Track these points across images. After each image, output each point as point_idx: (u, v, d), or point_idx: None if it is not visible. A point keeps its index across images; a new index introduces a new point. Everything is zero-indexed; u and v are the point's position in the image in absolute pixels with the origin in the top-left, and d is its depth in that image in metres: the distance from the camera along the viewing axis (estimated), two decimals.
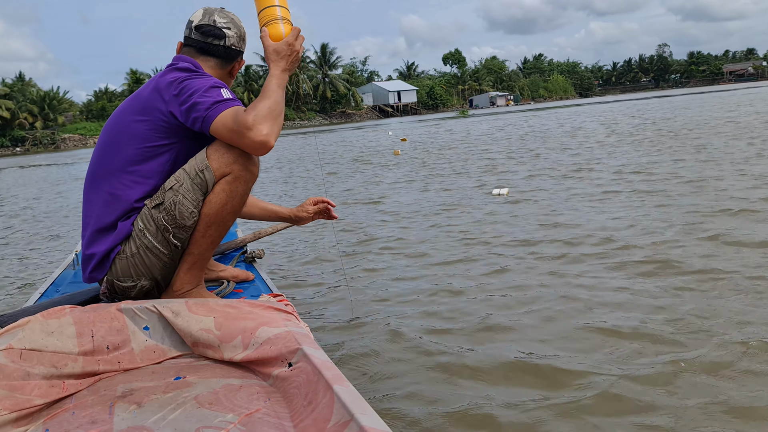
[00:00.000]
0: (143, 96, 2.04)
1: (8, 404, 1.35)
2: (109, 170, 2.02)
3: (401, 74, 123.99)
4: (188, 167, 1.97)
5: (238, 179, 1.97)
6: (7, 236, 7.70)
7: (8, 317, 1.90)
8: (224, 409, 1.38)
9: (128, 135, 2.01)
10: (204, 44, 2.16)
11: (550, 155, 11.59)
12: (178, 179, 1.96)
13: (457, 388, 2.46)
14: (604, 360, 2.59)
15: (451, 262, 4.40)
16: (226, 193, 1.96)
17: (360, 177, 11.15)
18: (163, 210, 1.94)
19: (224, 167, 1.94)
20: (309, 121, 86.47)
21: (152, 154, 2.00)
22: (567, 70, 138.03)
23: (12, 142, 69.72)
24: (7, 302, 4.30)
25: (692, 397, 2.25)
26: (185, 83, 1.97)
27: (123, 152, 2.00)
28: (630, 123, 18.72)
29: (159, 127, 1.99)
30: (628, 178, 7.71)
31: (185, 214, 1.94)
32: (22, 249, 6.63)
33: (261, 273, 2.63)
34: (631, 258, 4.05)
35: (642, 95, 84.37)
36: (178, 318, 1.70)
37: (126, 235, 1.98)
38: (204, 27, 2.14)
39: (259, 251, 2.89)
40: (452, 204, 7.02)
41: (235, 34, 2.19)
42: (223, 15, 2.19)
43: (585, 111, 35.83)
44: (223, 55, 2.19)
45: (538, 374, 2.52)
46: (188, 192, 1.94)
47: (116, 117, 2.09)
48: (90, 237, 2.02)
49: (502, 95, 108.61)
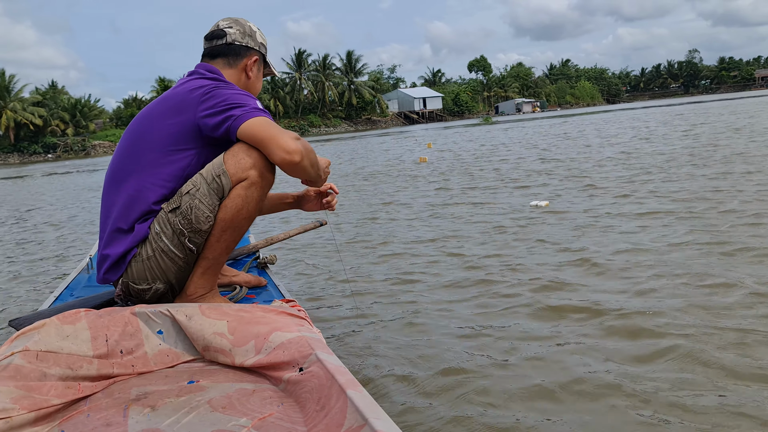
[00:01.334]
0: (168, 102, 2.08)
1: (26, 404, 1.37)
2: (129, 173, 2.05)
3: (426, 81, 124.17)
4: (205, 172, 2.00)
5: (254, 185, 1.99)
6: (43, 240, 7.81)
7: (24, 320, 1.93)
8: (237, 413, 1.38)
9: (150, 139, 2.05)
10: (211, 48, 2.26)
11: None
12: (195, 184, 1.99)
13: (475, 402, 2.42)
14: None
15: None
16: (241, 198, 1.99)
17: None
18: (180, 214, 1.97)
19: (241, 173, 1.97)
20: (335, 128, 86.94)
21: (173, 158, 2.03)
22: (594, 77, 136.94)
23: (44, 149, 71.19)
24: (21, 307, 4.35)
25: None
26: (214, 92, 2.02)
27: (144, 156, 2.04)
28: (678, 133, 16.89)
29: (182, 132, 2.03)
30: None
31: (201, 218, 1.96)
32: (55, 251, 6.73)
33: (273, 278, 2.65)
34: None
35: (672, 101, 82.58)
36: (192, 322, 1.71)
37: (142, 237, 2.01)
38: (209, 34, 2.28)
39: (272, 257, 2.90)
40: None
41: (237, 30, 2.27)
42: (226, 19, 2.30)
43: (616, 118, 34.44)
44: (227, 52, 2.26)
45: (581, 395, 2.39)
46: (205, 197, 1.96)
47: (139, 121, 2.13)
48: (107, 238, 2.05)
49: (528, 102, 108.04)
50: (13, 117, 68.74)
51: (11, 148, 70.12)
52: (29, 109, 70.29)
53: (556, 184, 8.50)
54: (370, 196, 9.29)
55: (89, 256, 3.06)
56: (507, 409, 2.30)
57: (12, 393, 1.37)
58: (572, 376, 2.49)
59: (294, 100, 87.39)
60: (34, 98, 73.20)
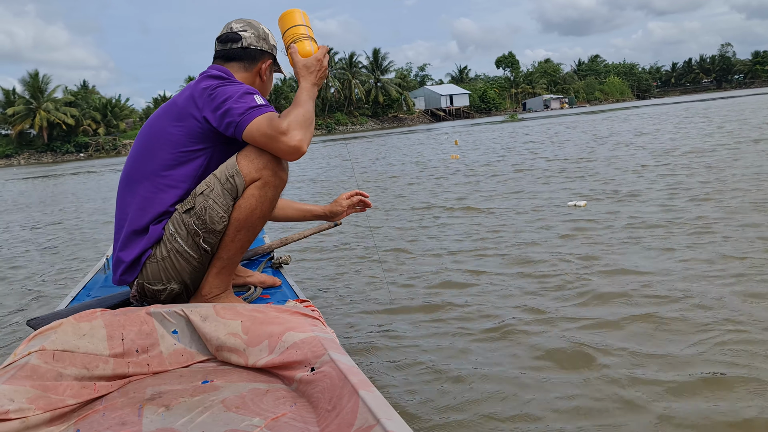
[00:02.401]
0: (179, 103, 2.09)
1: (42, 404, 1.39)
2: (144, 174, 2.07)
3: (453, 78, 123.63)
4: (219, 173, 2.01)
5: (267, 185, 2.00)
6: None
7: (41, 320, 1.96)
8: (251, 412, 1.39)
9: (163, 140, 2.06)
10: (225, 51, 2.25)
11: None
12: (208, 184, 2.00)
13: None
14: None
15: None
16: (255, 198, 2.00)
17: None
18: (194, 214, 1.99)
19: (254, 173, 1.98)
20: (361, 126, 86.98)
21: (186, 158, 2.05)
22: (624, 72, 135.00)
23: (76, 148, 72.45)
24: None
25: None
26: (218, 90, 2.03)
27: (157, 157, 2.06)
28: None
29: (193, 132, 2.04)
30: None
31: (215, 218, 1.98)
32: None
33: (288, 278, 2.66)
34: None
35: (704, 96, 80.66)
36: (206, 322, 1.73)
37: (157, 238, 2.03)
38: (222, 36, 2.25)
39: (286, 257, 2.92)
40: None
41: (252, 34, 2.26)
42: (239, 21, 2.28)
43: (654, 113, 33.25)
44: (243, 56, 2.25)
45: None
46: (218, 197, 1.98)
47: (152, 123, 2.15)
48: (122, 240, 2.08)
49: (556, 98, 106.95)
50: (47, 117, 70.04)
51: (45, 147, 71.47)
52: (62, 109, 71.58)
53: (590, 184, 8.35)
54: (403, 198, 8.94)
55: (105, 256, 3.10)
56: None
57: (28, 393, 1.39)
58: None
59: (321, 98, 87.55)
60: (66, 98, 74.55)
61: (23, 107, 69.98)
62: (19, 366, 1.46)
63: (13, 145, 70.65)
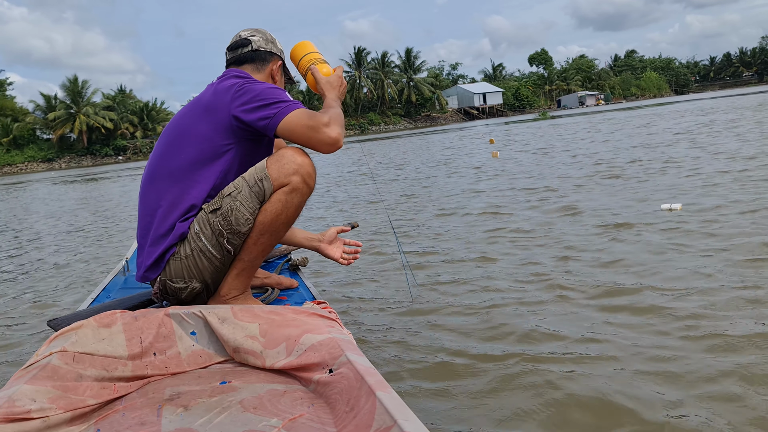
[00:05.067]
0: (203, 100, 2.14)
1: (63, 404, 1.41)
2: (169, 171, 2.11)
3: (486, 76, 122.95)
4: (248, 176, 2.04)
5: (295, 191, 2.03)
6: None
7: (62, 321, 2.00)
8: (268, 413, 1.39)
9: (188, 137, 2.11)
10: (236, 56, 2.34)
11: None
12: (237, 186, 2.03)
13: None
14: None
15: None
16: (282, 203, 2.02)
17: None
18: (220, 215, 2.02)
19: (283, 178, 2.01)
20: (394, 126, 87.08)
21: (212, 155, 2.09)
22: (661, 67, 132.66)
23: (115, 151, 73.98)
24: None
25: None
26: (246, 86, 2.08)
27: (183, 154, 2.10)
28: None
29: (218, 128, 2.08)
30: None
31: (241, 220, 2.00)
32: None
33: (305, 280, 2.68)
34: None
35: (746, 90, 77.51)
36: (224, 324, 1.74)
37: (182, 236, 2.06)
38: (232, 44, 2.37)
39: (303, 259, 2.94)
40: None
41: (261, 38, 2.37)
42: (247, 29, 2.39)
43: (705, 107, 31.47)
44: (255, 58, 2.34)
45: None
46: (246, 199, 2.01)
47: (176, 121, 2.20)
48: (148, 237, 2.12)
49: (591, 95, 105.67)
50: (86, 121, 71.62)
51: (84, 151, 73.08)
52: (101, 113, 73.10)
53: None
54: (439, 201, 8.22)
55: (125, 258, 3.15)
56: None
57: (49, 393, 1.42)
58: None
59: (354, 98, 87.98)
60: (104, 103, 76.14)
61: (64, 112, 71.70)
62: (40, 366, 1.49)
63: (55, 149, 72.34)
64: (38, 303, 4.66)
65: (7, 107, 74.74)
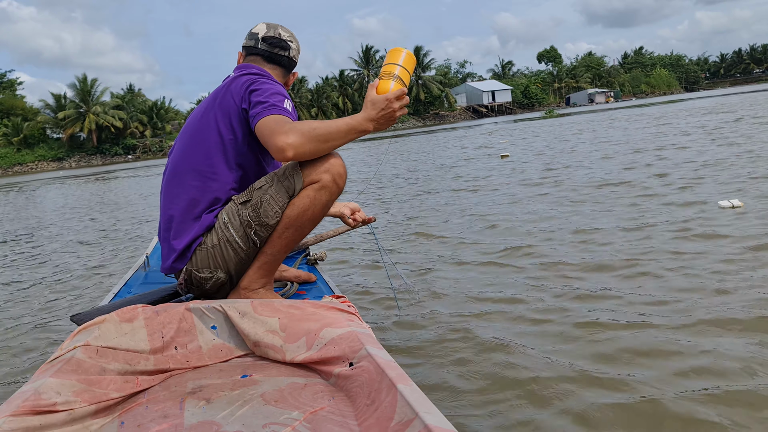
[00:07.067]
0: (220, 95, 2.18)
1: (87, 397, 1.43)
2: (193, 165, 2.15)
3: (495, 74, 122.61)
4: (279, 170, 2.10)
5: (324, 188, 2.06)
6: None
7: (84, 315, 2.02)
8: (289, 406, 1.40)
9: (207, 131, 2.15)
10: (271, 54, 2.36)
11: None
12: (267, 180, 2.09)
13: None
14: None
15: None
16: (310, 199, 2.06)
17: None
18: (250, 206, 2.07)
19: (314, 174, 2.05)
20: (402, 124, 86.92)
21: (230, 147, 2.13)
22: (671, 64, 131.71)
23: (124, 150, 74.35)
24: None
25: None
26: (257, 83, 2.12)
27: (204, 147, 2.14)
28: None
29: (234, 121, 2.13)
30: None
31: (270, 213, 2.05)
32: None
33: (323, 275, 2.69)
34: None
35: (759, 87, 75.95)
36: (244, 319, 1.76)
37: (209, 226, 2.11)
38: (271, 39, 2.36)
39: (321, 253, 2.95)
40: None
41: (296, 47, 2.43)
42: (285, 30, 2.41)
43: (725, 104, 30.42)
44: (286, 65, 2.40)
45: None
46: (276, 193, 2.05)
47: (194, 117, 2.23)
48: (173, 229, 2.16)
49: (601, 92, 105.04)
50: (96, 120, 71.97)
51: (94, 150, 73.47)
52: (110, 112, 73.42)
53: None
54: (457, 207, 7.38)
55: (146, 254, 3.17)
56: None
57: (74, 387, 1.43)
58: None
59: (362, 96, 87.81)
60: (114, 102, 76.43)
61: (73, 111, 72.08)
62: (65, 360, 1.51)
63: (65, 149, 72.74)
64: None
65: (17, 107, 75.29)
